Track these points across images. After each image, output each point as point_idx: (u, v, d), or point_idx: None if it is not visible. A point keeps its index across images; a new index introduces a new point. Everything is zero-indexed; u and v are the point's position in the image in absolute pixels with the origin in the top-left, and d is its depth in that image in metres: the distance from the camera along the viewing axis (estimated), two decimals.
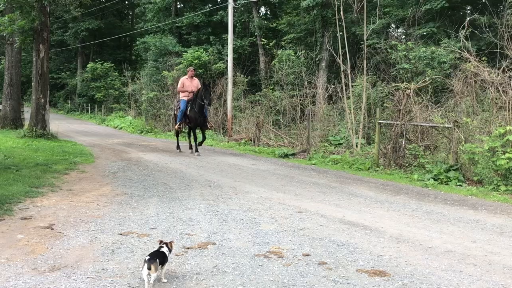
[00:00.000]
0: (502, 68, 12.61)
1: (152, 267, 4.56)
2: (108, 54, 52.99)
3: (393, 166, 12.76)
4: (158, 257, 4.69)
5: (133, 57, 56.63)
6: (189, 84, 16.61)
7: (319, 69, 25.77)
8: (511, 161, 9.89)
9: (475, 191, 10.02)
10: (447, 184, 10.82)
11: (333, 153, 15.97)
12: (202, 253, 5.77)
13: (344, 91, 17.52)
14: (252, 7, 31.86)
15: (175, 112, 17.47)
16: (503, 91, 12.11)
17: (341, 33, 17.57)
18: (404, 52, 18.15)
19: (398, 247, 6.15)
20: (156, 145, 20.35)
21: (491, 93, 12.10)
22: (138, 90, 35.23)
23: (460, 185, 10.68)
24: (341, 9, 16.98)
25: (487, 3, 18.03)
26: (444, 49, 17.07)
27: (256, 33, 31.32)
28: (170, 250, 5.01)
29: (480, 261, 5.64)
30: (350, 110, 16.91)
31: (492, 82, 12.10)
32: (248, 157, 16.15)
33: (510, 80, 12.23)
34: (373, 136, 15.20)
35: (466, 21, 14.22)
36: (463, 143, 11.20)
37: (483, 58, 13.55)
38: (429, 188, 10.57)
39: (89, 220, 7.19)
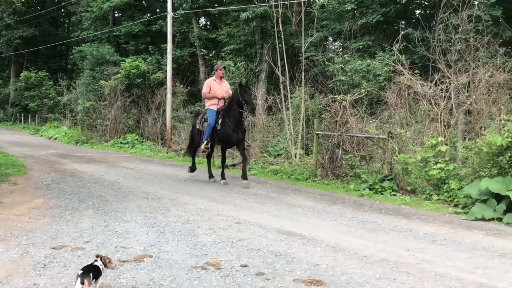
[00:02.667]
0: (434, 81, 13.01)
1: (86, 281, 4.45)
2: (43, 62, 51.53)
3: (330, 176, 12.96)
4: (91, 271, 4.58)
5: (69, 66, 55.33)
6: (218, 87, 12.28)
7: (259, 80, 25.96)
8: (442, 171, 10.23)
9: (408, 201, 10.30)
10: (382, 193, 11.08)
11: (273, 164, 16.06)
12: (138, 266, 5.68)
13: (283, 102, 17.70)
14: (192, 18, 31.79)
15: (199, 127, 12.64)
16: (435, 103, 12.51)
17: (280, 45, 17.77)
18: (341, 65, 18.54)
19: (334, 256, 6.24)
20: (92, 156, 19.89)
21: (424, 105, 12.48)
22: (74, 99, 34.37)
23: (394, 195, 10.96)
24: (280, 22, 17.19)
25: (420, 18, 18.68)
26: (379, 62, 17.54)
27: (196, 44, 31.25)
28: (105, 264, 4.89)
29: (413, 269, 5.78)
30: (289, 121, 17.10)
31: (425, 95, 12.48)
32: (187, 168, 16.02)
33: (442, 92, 12.65)
34: (311, 147, 15.38)
35: (400, 35, 14.62)
36: (397, 153, 11.51)
37: (416, 71, 13.96)
38: (365, 197, 10.79)
39: (20, 234, 6.95)
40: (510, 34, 20.25)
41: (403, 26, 22.18)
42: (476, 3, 19.13)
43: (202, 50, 29.56)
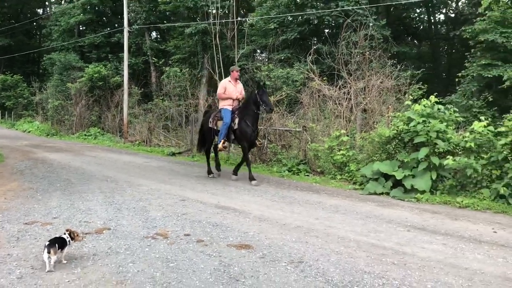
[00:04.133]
0: (338, 86, 13.33)
1: (52, 251, 4.31)
2: (17, 67, 48.95)
3: (258, 161, 13.02)
4: (57, 242, 4.44)
5: (41, 71, 52.62)
6: (233, 89, 10.51)
7: (201, 84, 25.70)
8: (344, 157, 10.49)
9: (318, 180, 10.50)
10: (298, 174, 11.23)
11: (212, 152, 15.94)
12: (98, 237, 5.53)
13: None
14: (145, 32, 31.07)
15: (212, 125, 10.64)
16: (339, 103, 12.83)
17: (217, 55, 17.67)
18: (266, 72, 18.56)
19: (260, 225, 6.30)
20: (60, 146, 19.12)
21: (330, 105, 12.76)
22: (45, 99, 33.00)
23: (307, 175, 11.14)
24: (217, 37, 17.06)
25: (328, 36, 19.03)
26: (296, 70, 17.71)
27: (148, 53, 30.59)
28: (72, 238, 4.73)
29: (321, 234, 5.92)
30: None
31: (331, 97, 12.77)
32: (141, 155, 15.70)
33: (344, 95, 12.97)
34: None
35: (312, 49, 14.86)
36: (310, 143, 11.72)
37: (325, 78, 14.21)
38: (285, 178, 10.92)
39: None
40: (397, 49, 21.04)
41: (315, 42, 22.41)
42: (371, 24, 19.71)
43: (153, 58, 29.00)
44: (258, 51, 27.87)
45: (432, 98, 9.12)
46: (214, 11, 22.54)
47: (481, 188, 8.20)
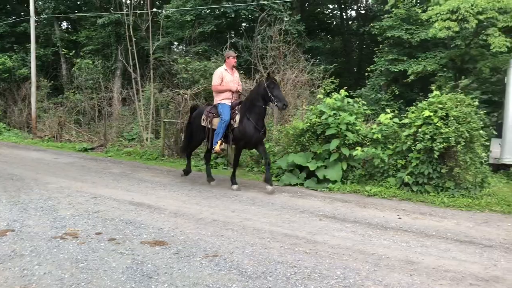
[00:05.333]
0: (255, 80, 13.48)
1: None
2: None
3: (175, 156, 12.85)
4: None
5: None
6: (231, 79, 8.82)
7: (115, 76, 24.82)
8: None
9: (237, 172, 10.54)
10: (216, 168, 11.24)
11: (127, 147, 15.52)
12: (0, 240, 5.18)
13: (135, 95, 17.15)
14: (54, 22, 29.40)
15: (206, 124, 8.94)
16: None
17: (131, 47, 17.10)
18: (183, 65, 18.33)
19: (175, 220, 6.23)
20: None
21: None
22: None
23: (226, 168, 11.18)
24: (131, 28, 16.54)
25: (245, 29, 19.16)
26: (214, 63, 17.63)
27: (58, 44, 29.00)
28: None
29: (237, 226, 5.97)
30: (141, 111, 16.59)
31: (247, 90, 12.85)
32: (51, 152, 14.88)
33: None
34: (160, 132, 15.10)
35: (228, 43, 14.89)
36: None
37: (241, 72, 14.27)
38: (202, 171, 10.85)
39: None
40: (310, 44, 21.63)
41: (232, 35, 22.46)
42: (285, 19, 20.09)
43: (64, 49, 27.54)
44: (176, 43, 27.42)
45: (342, 92, 9.48)
46: (128, 1, 21.87)
47: (388, 177, 8.69)
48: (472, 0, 11.48)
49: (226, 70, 8.87)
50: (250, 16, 20.43)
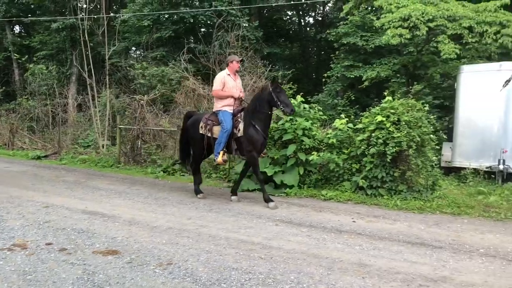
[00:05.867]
0: None
1: None
2: None
3: (132, 163, 12.63)
4: None
5: None
6: (234, 84, 8.28)
7: (70, 82, 24.26)
8: None
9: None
10: (174, 175, 11.12)
11: (82, 154, 15.15)
12: None
13: (91, 101, 16.80)
14: (6, 25, 28.46)
15: (204, 132, 8.24)
16: None
17: (87, 52, 16.76)
18: (140, 70, 18.10)
19: (129, 229, 6.11)
20: None
21: (205, 103, 12.83)
22: None
23: (183, 175, 11.07)
24: (86, 32, 16.21)
25: (203, 35, 19.12)
26: (171, 69, 17.50)
27: (10, 49, 28.08)
28: None
29: (192, 234, 5.91)
30: (97, 117, 16.26)
31: (205, 96, 12.85)
32: (2, 160, 14.33)
33: None
34: (116, 139, 14.85)
35: (185, 48, 14.82)
36: None
37: (199, 77, 14.24)
38: (160, 178, 10.75)
39: None
40: (269, 50, 21.81)
41: (192, 40, 22.36)
42: (245, 25, 20.21)
43: (16, 54, 26.68)
44: (133, 48, 27.06)
45: (299, 97, 9.60)
46: (84, 6, 21.40)
47: (343, 181, 8.83)
48: (422, 8, 11.87)
49: (228, 75, 8.26)
50: (208, 22, 20.44)
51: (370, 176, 8.30)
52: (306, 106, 9.65)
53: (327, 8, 30.12)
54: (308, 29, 32.27)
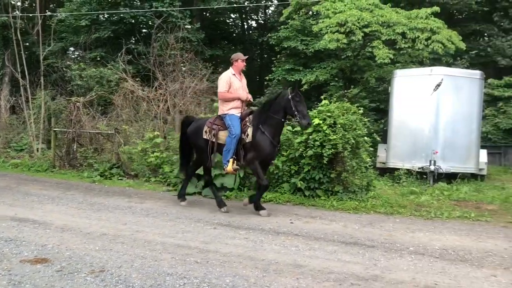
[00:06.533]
0: (155, 87, 13.26)
1: None
2: None
3: (67, 167, 12.20)
4: None
5: None
6: (240, 85, 7.62)
7: (2, 83, 23.07)
8: (158, 158, 10.46)
9: (132, 183, 10.29)
10: (111, 179, 10.85)
11: (15, 158, 14.46)
12: None
13: (24, 103, 16.07)
14: None
15: (209, 137, 7.59)
16: (156, 105, 12.78)
17: (20, 52, 16.04)
18: (78, 71, 17.53)
19: (61, 236, 5.88)
20: None
21: (144, 106, 12.61)
22: None
23: (121, 179, 10.82)
24: (18, 31, 15.50)
25: (143, 36, 18.80)
26: (110, 70, 17.06)
27: None
28: None
29: (127, 239, 5.77)
30: (31, 119, 15.58)
31: (144, 98, 12.63)
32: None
33: (160, 96, 12.94)
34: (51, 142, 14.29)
35: (123, 49, 14.51)
36: (122, 145, 11.41)
37: (138, 79, 13.96)
38: (96, 183, 10.44)
39: None
40: (211, 52, 21.74)
41: (133, 41, 21.89)
42: (188, 27, 20.05)
43: None
44: (72, 49, 26.17)
45: None
46: (18, 4, 20.51)
47: (283, 183, 8.93)
48: (358, 14, 12.26)
49: (234, 75, 7.56)
50: (150, 23, 20.09)
51: (308, 177, 8.44)
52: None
53: (269, 12, 30.46)
54: (251, 32, 32.46)
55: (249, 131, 7.24)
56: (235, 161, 7.32)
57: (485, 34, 20.30)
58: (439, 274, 4.71)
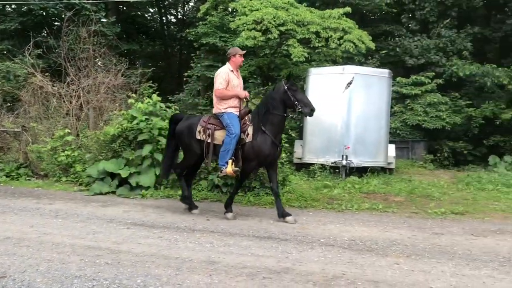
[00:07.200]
0: (67, 83, 12.68)
1: None
2: None
3: None
4: None
5: None
6: (237, 82, 7.17)
7: None
8: (69, 157, 10.03)
9: (41, 184, 9.78)
10: (18, 179, 10.26)
11: None
12: None
13: None
14: None
15: (203, 137, 7.04)
16: (69, 101, 12.22)
17: None
18: None
19: None
20: None
21: (54, 102, 12.02)
22: None
23: (29, 180, 10.27)
24: None
25: (55, 29, 17.89)
26: (17, 64, 16.05)
27: None
28: None
29: (33, 242, 5.48)
30: None
31: (54, 94, 12.03)
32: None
33: (73, 92, 12.39)
34: None
35: (31, 42, 13.73)
36: (31, 144, 10.82)
37: (47, 74, 13.25)
38: (1, 184, 9.82)
39: None
40: (127, 47, 21.16)
41: (44, 34, 20.70)
42: (103, 20, 19.35)
43: None
44: None
45: (154, 96, 9.46)
46: None
47: (200, 180, 8.91)
48: (274, 12, 12.48)
49: (231, 71, 7.08)
50: (63, 15, 19.12)
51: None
52: (163, 105, 9.54)
53: (188, 7, 30.19)
54: (171, 27, 31.96)
55: (249, 130, 6.83)
56: (234, 163, 6.82)
57: (395, 34, 21.42)
58: (347, 264, 4.92)
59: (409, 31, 20.81)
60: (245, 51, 7.46)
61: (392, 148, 12.85)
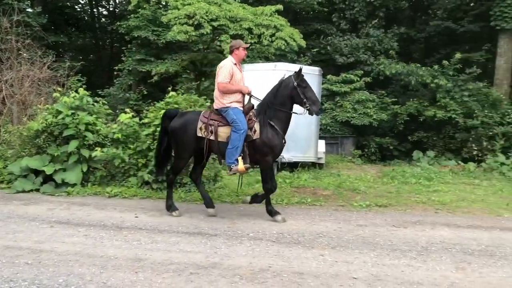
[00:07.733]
0: None
1: None
2: None
3: None
4: None
5: None
6: (241, 76, 6.75)
7: None
8: None
9: None
10: None
11: None
12: None
13: None
14: None
15: (205, 134, 6.58)
16: None
17: None
18: None
19: None
20: None
21: None
22: None
23: None
24: None
25: None
26: None
27: None
28: None
29: None
30: None
31: None
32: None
33: None
34: None
35: None
36: None
37: None
38: None
39: None
40: (55, 39, 20.29)
41: None
42: (29, 10, 18.40)
43: None
44: None
45: (81, 90, 9.15)
46: None
47: (129, 176, 8.73)
48: (206, 7, 12.42)
49: (235, 64, 6.70)
50: None
51: (155, 170, 8.35)
52: (90, 99, 9.25)
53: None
54: (102, 19, 30.92)
55: (256, 126, 6.48)
56: (243, 159, 6.46)
57: (326, 33, 21.94)
58: (274, 257, 5.02)
59: (340, 30, 21.39)
60: (249, 44, 7.12)
61: (322, 144, 13.18)
